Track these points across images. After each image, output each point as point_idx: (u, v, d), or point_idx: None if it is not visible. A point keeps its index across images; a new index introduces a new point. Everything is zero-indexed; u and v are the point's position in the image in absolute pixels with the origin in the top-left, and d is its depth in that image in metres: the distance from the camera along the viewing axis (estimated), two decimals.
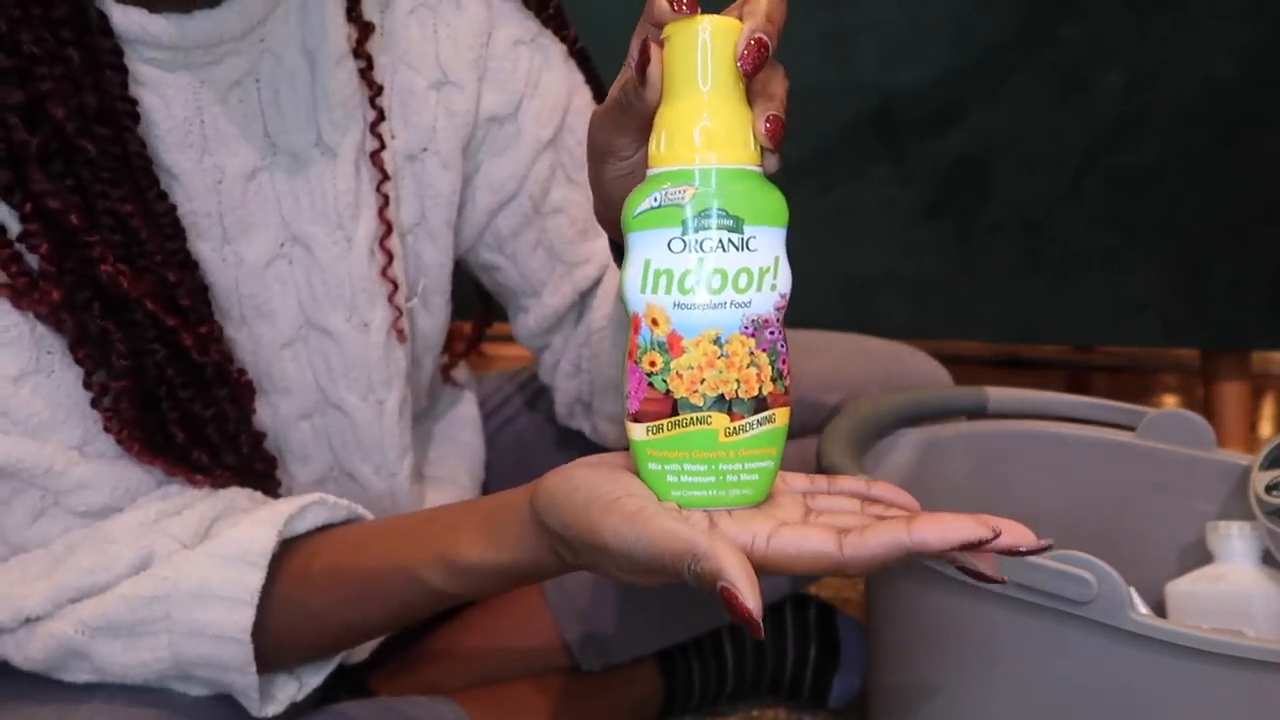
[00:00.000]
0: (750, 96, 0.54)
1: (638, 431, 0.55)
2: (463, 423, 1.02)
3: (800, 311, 0.69)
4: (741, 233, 0.53)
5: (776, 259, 0.54)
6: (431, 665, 0.99)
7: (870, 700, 0.95)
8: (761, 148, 0.54)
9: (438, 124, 0.81)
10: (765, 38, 0.52)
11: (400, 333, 0.82)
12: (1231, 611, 0.88)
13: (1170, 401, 2.06)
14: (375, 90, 0.78)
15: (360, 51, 0.77)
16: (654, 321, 0.54)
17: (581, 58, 0.88)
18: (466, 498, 0.99)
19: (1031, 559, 0.71)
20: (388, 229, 0.80)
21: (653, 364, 0.54)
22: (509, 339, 0.98)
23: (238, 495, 0.73)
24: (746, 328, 0.54)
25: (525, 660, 1.00)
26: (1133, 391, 2.07)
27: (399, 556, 0.66)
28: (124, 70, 0.67)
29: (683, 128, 0.53)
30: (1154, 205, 1.55)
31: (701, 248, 0.53)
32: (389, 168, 0.79)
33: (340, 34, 0.75)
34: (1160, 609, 0.93)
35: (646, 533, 0.51)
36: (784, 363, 0.55)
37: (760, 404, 0.55)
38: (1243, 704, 0.72)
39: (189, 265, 0.72)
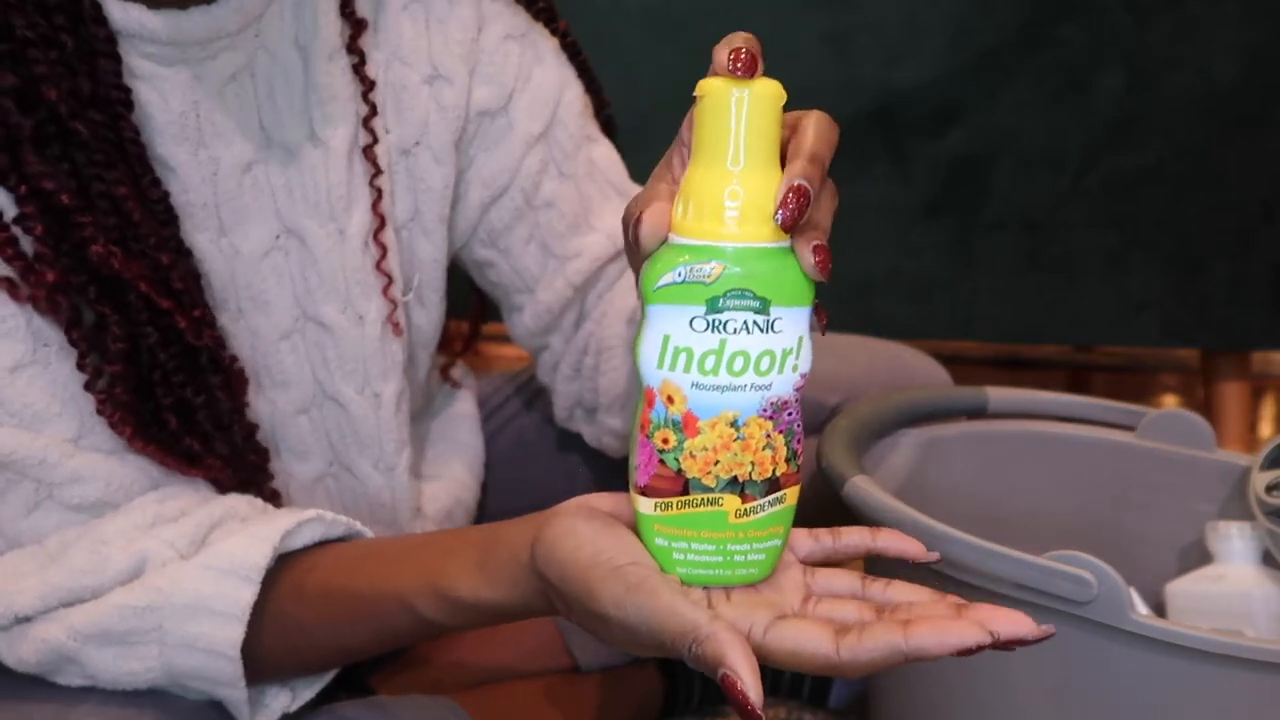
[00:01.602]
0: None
1: (645, 505, 0.54)
2: (460, 421, 1.02)
3: None
4: (768, 314, 0.51)
5: (800, 339, 0.52)
6: (432, 665, 0.99)
7: (870, 701, 0.95)
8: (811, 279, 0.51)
9: (430, 118, 0.82)
10: (806, 185, 0.50)
11: (396, 326, 0.82)
12: (1231, 611, 0.88)
13: (1170, 401, 2.06)
14: (368, 86, 0.78)
15: (353, 47, 0.77)
16: (669, 399, 0.52)
17: (573, 52, 0.88)
18: (466, 496, 0.99)
19: (1032, 559, 0.72)
20: (381, 223, 0.80)
21: (665, 441, 0.53)
22: (509, 339, 0.98)
23: (238, 503, 0.73)
24: (765, 410, 0.52)
25: (526, 661, 1.00)
26: (1133, 391, 2.07)
27: (392, 581, 0.66)
28: (118, 59, 0.68)
29: (711, 198, 0.51)
30: (1154, 205, 1.55)
31: (725, 329, 0.51)
32: (383, 162, 0.80)
33: (332, 29, 0.76)
34: (1160, 609, 0.93)
35: (649, 607, 0.51)
36: (798, 442, 0.54)
37: (773, 485, 0.54)
38: (1243, 704, 0.72)
39: (182, 251, 0.72)
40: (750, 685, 0.48)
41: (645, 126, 0.90)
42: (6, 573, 0.69)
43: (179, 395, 0.72)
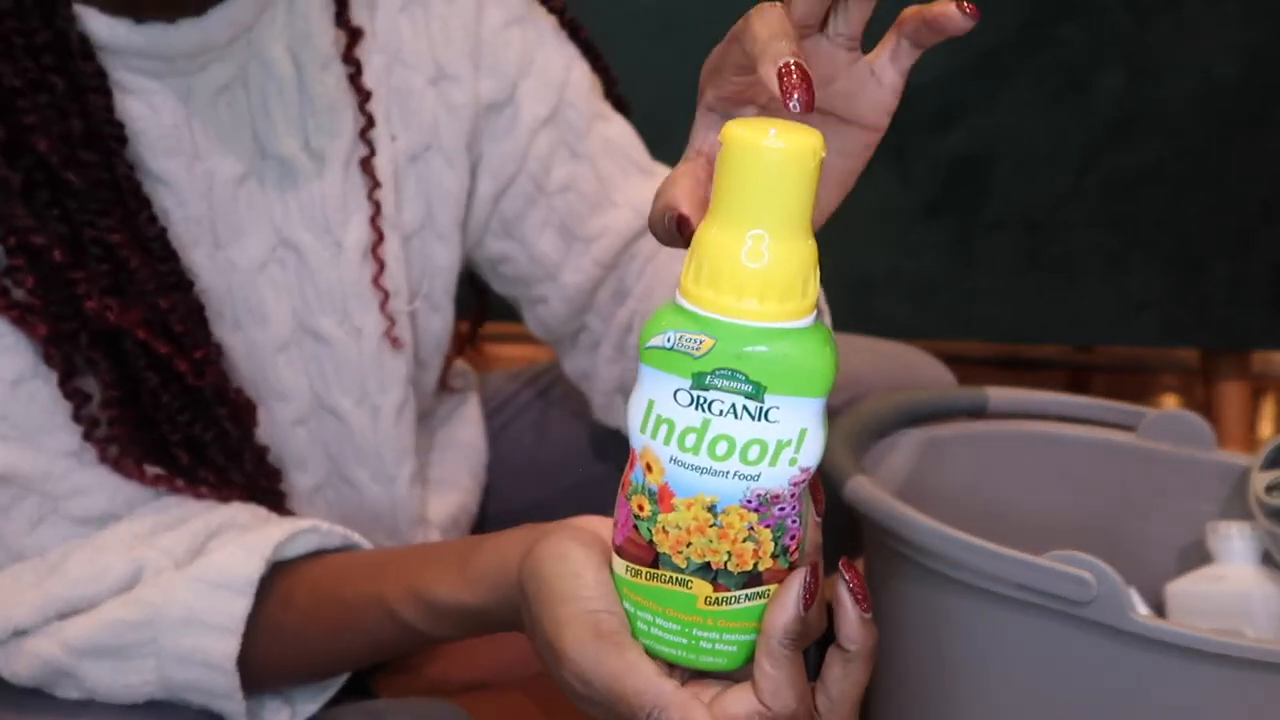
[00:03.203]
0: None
1: (618, 565, 0.51)
2: (465, 423, 1.01)
3: None
4: (760, 401, 0.46)
5: (803, 432, 0.47)
6: (434, 665, 0.99)
7: (870, 701, 0.95)
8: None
9: (439, 121, 0.80)
10: (797, 61, 0.45)
11: (394, 340, 0.81)
12: (1231, 612, 0.88)
13: (1170, 401, 2.06)
14: (364, 96, 0.77)
15: (349, 57, 0.76)
16: (648, 466, 0.48)
17: (573, 29, 0.85)
18: (468, 500, 0.98)
19: (1032, 559, 0.72)
20: (379, 237, 0.78)
21: (640, 508, 0.49)
22: (510, 339, 0.97)
23: (239, 511, 0.72)
24: (749, 501, 0.47)
25: (529, 660, 1.00)
26: (1133, 391, 2.06)
27: (375, 587, 0.65)
28: (108, 94, 0.67)
29: (722, 263, 0.45)
30: (1154, 205, 1.56)
31: (709, 408, 0.46)
32: (385, 173, 0.78)
33: (325, 38, 0.75)
34: (1160, 609, 0.93)
35: (611, 660, 0.49)
36: (793, 538, 0.49)
37: (752, 579, 0.49)
38: (1243, 704, 0.72)
39: (182, 287, 0.71)
40: None
41: (647, 126, 0.90)
42: (7, 586, 0.69)
43: (187, 433, 0.71)
